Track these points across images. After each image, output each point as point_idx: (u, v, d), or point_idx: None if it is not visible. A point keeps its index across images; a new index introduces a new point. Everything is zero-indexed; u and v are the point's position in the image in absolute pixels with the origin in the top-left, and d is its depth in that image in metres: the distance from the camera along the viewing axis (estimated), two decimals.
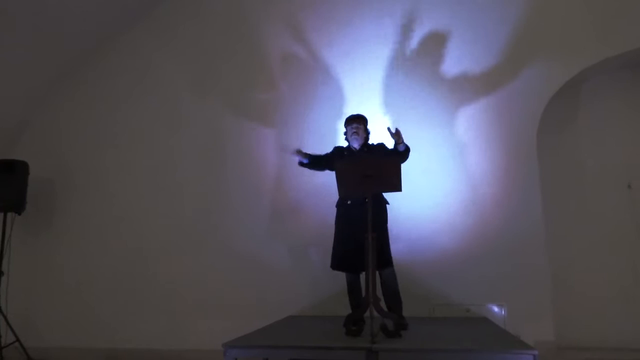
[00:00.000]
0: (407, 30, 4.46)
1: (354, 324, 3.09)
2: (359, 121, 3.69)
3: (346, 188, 3.16)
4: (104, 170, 4.89)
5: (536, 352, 2.56)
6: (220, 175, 4.64)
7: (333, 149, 3.85)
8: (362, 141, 3.66)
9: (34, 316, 4.74)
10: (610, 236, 4.25)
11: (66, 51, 4.90)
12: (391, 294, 3.47)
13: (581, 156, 4.41)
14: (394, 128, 3.47)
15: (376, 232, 3.30)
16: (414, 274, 3.71)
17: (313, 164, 3.79)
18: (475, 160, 4.21)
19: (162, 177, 4.75)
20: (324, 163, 3.79)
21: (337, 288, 3.94)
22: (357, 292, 3.51)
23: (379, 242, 3.33)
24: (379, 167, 3.06)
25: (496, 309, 3.97)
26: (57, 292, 4.75)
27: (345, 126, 3.73)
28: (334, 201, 3.61)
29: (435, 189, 4.19)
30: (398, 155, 3.51)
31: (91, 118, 5.02)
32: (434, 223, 4.13)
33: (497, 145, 4.20)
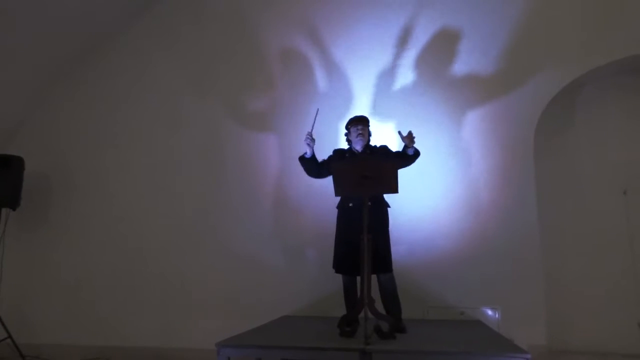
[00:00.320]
0: (407, 36, 4.47)
1: (348, 325, 3.09)
2: (364, 123, 3.62)
3: (342, 188, 3.16)
4: (102, 169, 4.87)
5: (529, 356, 2.56)
6: (218, 175, 4.63)
7: (333, 152, 3.75)
8: (365, 143, 3.62)
9: (27, 313, 4.71)
10: (605, 242, 4.26)
11: (65, 50, 4.88)
12: (390, 298, 3.45)
13: (577, 161, 4.43)
14: (406, 131, 3.45)
15: (378, 236, 3.32)
16: (410, 275, 3.72)
17: (312, 162, 3.61)
18: (471, 163, 4.21)
19: (160, 176, 4.74)
20: (323, 168, 3.61)
21: (332, 289, 3.94)
22: (353, 294, 3.48)
23: (380, 247, 3.35)
24: (376, 169, 3.06)
25: (490, 312, 3.98)
26: (51, 289, 4.73)
27: (349, 127, 3.65)
28: (331, 202, 3.59)
29: (432, 192, 4.20)
30: (404, 158, 3.49)
31: (90, 116, 4.99)
32: (429, 226, 4.13)
33: (494, 149, 4.21)
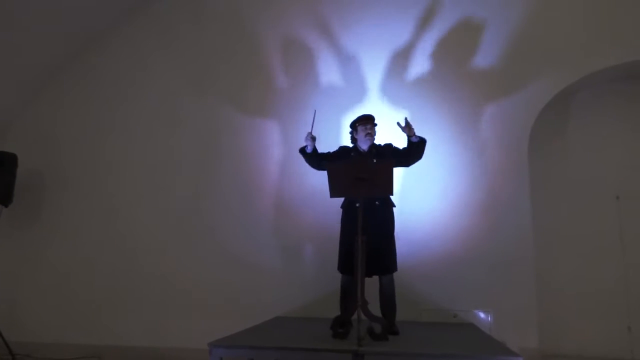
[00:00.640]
0: (402, 40, 4.49)
1: (340, 326, 3.08)
2: (372, 122, 3.57)
3: (337, 189, 3.15)
4: (97, 166, 4.85)
5: (521, 359, 2.58)
6: (214, 175, 4.62)
7: (339, 148, 3.71)
8: (371, 142, 3.58)
9: (19, 311, 4.68)
10: (598, 246, 4.29)
11: (61, 47, 4.86)
12: (387, 300, 3.45)
13: (571, 166, 4.45)
14: (403, 121, 3.42)
15: (384, 237, 3.39)
16: (403, 278, 3.71)
17: (314, 156, 3.59)
18: (465, 167, 4.22)
19: (156, 175, 4.72)
20: (325, 162, 3.54)
21: (325, 290, 3.94)
22: (350, 295, 3.43)
23: (386, 247, 3.37)
24: (371, 171, 3.07)
25: (482, 315, 3.99)
26: (43, 287, 4.70)
27: (356, 126, 3.58)
28: (327, 204, 3.58)
29: (425, 196, 4.20)
30: (412, 149, 3.47)
31: (84, 114, 4.97)
32: (423, 229, 4.13)
33: (488, 153, 4.22)
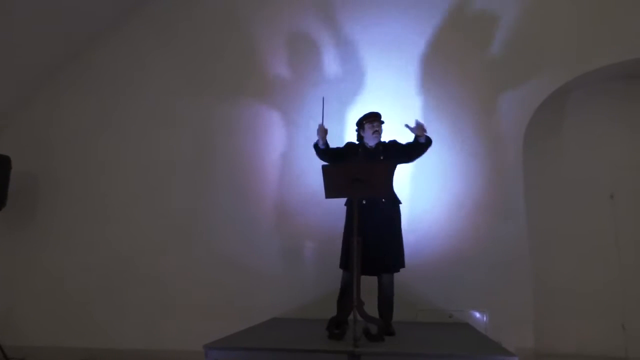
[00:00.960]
0: (398, 39, 4.50)
1: (337, 327, 3.08)
2: (379, 119, 3.58)
3: (333, 190, 3.15)
4: (91, 169, 4.83)
5: (516, 358, 2.58)
6: (210, 175, 4.61)
7: (345, 145, 3.72)
8: (378, 140, 3.59)
9: (13, 315, 4.65)
10: (593, 246, 4.31)
11: (55, 47, 4.83)
12: (386, 300, 3.44)
13: (566, 165, 4.48)
14: (414, 122, 3.44)
15: (389, 235, 3.40)
16: (399, 278, 3.70)
17: (327, 153, 3.60)
18: (460, 168, 4.23)
19: (150, 176, 4.70)
20: (337, 157, 3.60)
21: (321, 291, 3.94)
22: (348, 295, 3.44)
23: (390, 246, 3.39)
24: (367, 172, 3.07)
25: (478, 315, 4.00)
26: (38, 290, 4.67)
27: (363, 123, 3.58)
28: (324, 203, 3.56)
29: (420, 196, 4.21)
30: (416, 148, 3.49)
31: (78, 115, 4.95)
32: (418, 230, 4.13)
33: (483, 153, 4.24)
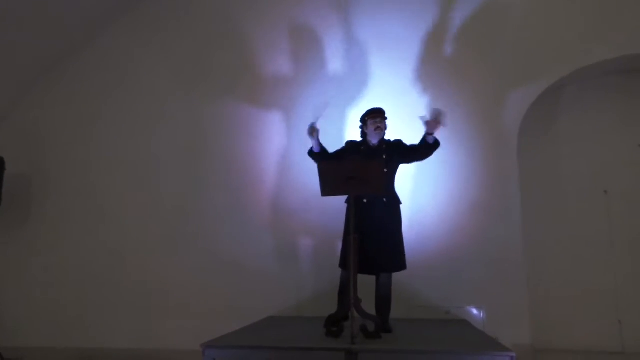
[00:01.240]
0: (392, 39, 4.49)
1: (334, 325, 3.08)
2: (382, 116, 3.51)
3: (328, 188, 3.15)
4: (84, 169, 4.80)
5: (513, 354, 2.59)
6: (204, 175, 4.59)
7: (346, 143, 3.65)
8: (382, 137, 3.53)
9: (7, 315, 4.63)
10: (587, 241, 4.33)
11: (46, 46, 4.79)
12: (383, 299, 3.44)
13: (560, 162, 4.49)
14: (433, 114, 3.34)
15: (390, 233, 3.40)
16: (396, 275, 3.71)
17: (323, 157, 3.54)
18: (455, 165, 4.23)
19: (142, 175, 4.68)
20: (336, 160, 3.55)
21: (319, 289, 3.94)
22: (348, 293, 3.44)
23: (389, 246, 3.38)
24: (362, 170, 3.07)
25: (475, 311, 4.01)
26: (32, 291, 4.65)
27: (366, 119, 3.52)
28: (320, 202, 3.56)
29: (416, 193, 4.21)
30: (423, 148, 3.42)
31: (72, 115, 4.92)
32: (416, 226, 4.12)
33: (478, 150, 4.24)
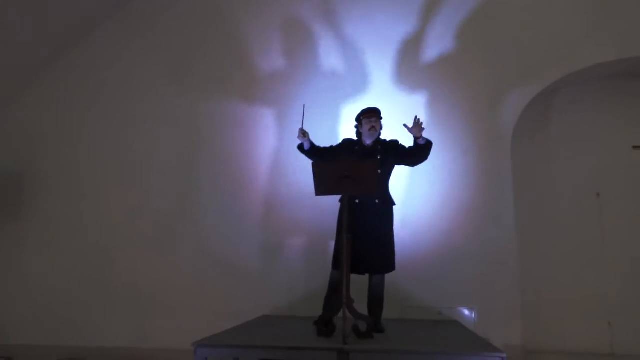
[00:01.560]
0: (387, 37, 4.50)
1: (325, 324, 3.08)
2: (378, 115, 3.51)
3: (322, 188, 3.15)
4: (74, 167, 4.78)
5: (504, 355, 2.60)
6: (194, 174, 4.58)
7: (342, 141, 3.66)
8: (377, 137, 3.53)
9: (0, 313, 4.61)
10: (579, 243, 4.37)
11: (36, 44, 4.74)
12: (376, 299, 3.45)
13: (553, 163, 4.52)
14: (412, 122, 3.33)
15: (382, 235, 3.40)
16: (388, 276, 3.73)
17: (313, 153, 3.57)
18: (449, 166, 4.25)
19: (134, 174, 4.66)
20: (327, 156, 3.58)
21: (313, 288, 3.94)
22: (337, 293, 3.37)
23: (380, 247, 3.38)
24: (356, 169, 3.07)
25: (467, 312, 4.03)
26: (25, 289, 4.62)
27: (361, 119, 3.52)
28: (314, 201, 3.56)
29: (410, 194, 4.22)
30: (418, 151, 3.41)
31: (63, 113, 4.88)
32: (408, 228, 4.14)
33: (472, 152, 4.26)
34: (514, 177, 4.22)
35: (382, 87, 4.43)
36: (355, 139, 3.63)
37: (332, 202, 3.56)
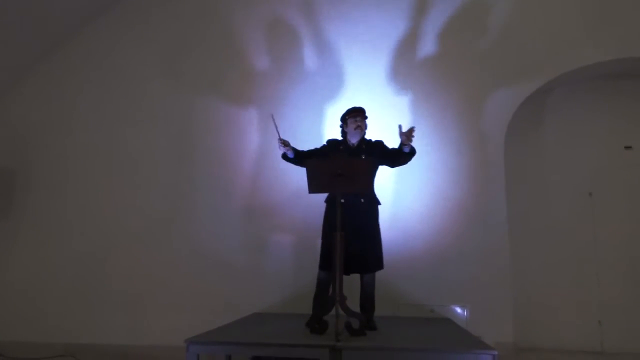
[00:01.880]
0: (384, 37, 4.49)
1: (318, 322, 3.09)
2: (363, 115, 3.50)
3: (316, 186, 3.15)
4: (67, 164, 4.73)
5: (496, 353, 2.62)
6: (187, 171, 4.55)
7: (327, 142, 3.65)
8: (362, 136, 3.52)
9: None
10: (571, 242, 4.39)
11: (29, 39, 4.68)
12: (367, 297, 3.46)
13: (546, 163, 4.54)
14: (407, 127, 3.30)
15: (370, 234, 3.39)
16: (381, 273, 3.74)
17: (299, 160, 3.56)
18: (442, 165, 4.26)
19: (126, 171, 4.63)
20: (313, 159, 3.51)
21: (303, 286, 3.93)
22: (327, 292, 3.40)
23: (369, 246, 3.37)
24: (349, 167, 3.07)
25: (459, 310, 4.04)
26: (15, 285, 4.58)
27: (346, 118, 3.52)
28: (306, 199, 3.56)
29: (403, 192, 4.23)
30: (399, 156, 3.39)
31: (55, 109, 4.83)
32: (401, 225, 4.15)
33: (465, 151, 4.26)
34: (506, 176, 4.23)
35: (375, 86, 4.41)
36: (339, 138, 3.62)
37: (321, 201, 3.56)
